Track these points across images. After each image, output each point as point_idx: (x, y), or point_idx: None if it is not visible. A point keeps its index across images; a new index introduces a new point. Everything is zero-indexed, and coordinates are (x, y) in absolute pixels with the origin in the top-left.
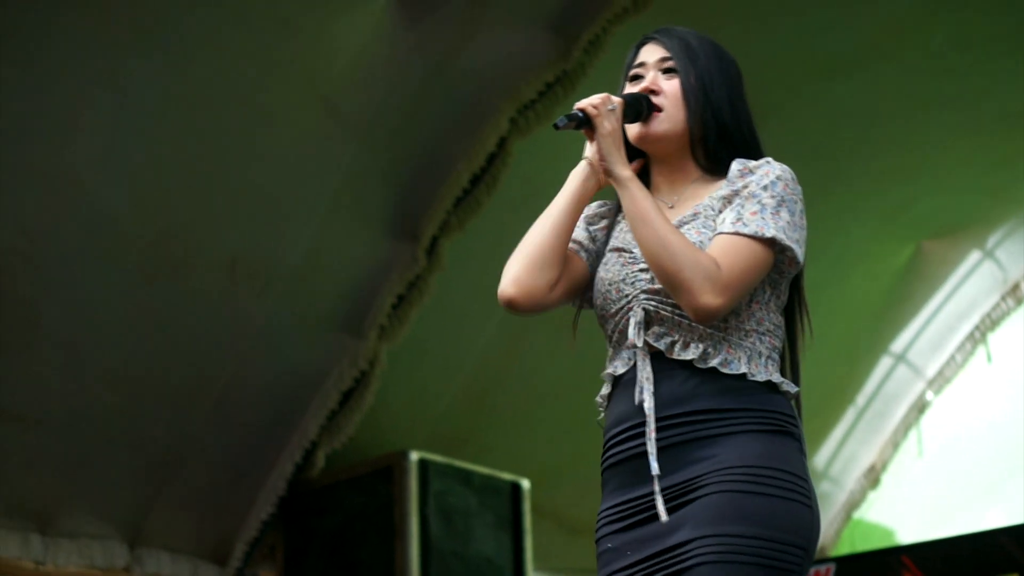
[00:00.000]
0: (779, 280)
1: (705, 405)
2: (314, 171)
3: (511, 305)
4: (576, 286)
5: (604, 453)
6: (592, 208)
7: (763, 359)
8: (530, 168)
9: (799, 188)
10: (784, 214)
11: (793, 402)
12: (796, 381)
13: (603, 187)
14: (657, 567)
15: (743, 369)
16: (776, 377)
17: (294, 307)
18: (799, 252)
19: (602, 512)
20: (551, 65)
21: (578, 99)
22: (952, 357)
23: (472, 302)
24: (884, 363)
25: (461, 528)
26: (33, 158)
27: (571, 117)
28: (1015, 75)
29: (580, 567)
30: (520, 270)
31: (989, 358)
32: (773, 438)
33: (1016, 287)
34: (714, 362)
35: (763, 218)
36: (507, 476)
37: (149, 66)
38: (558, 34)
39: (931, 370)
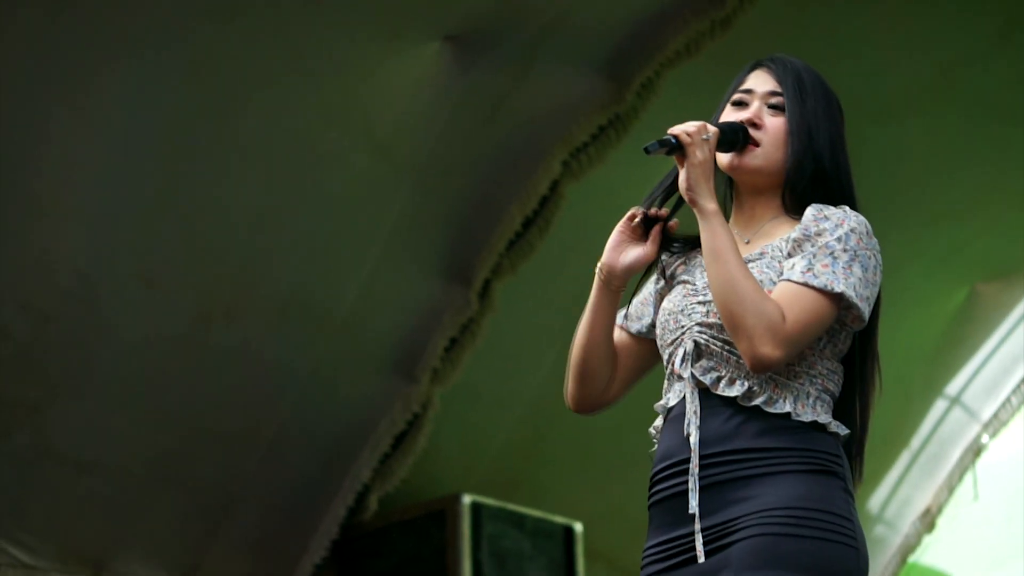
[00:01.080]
0: (838, 331)
1: (745, 444)
2: (367, 215)
3: (580, 413)
4: (637, 365)
5: (650, 489)
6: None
7: (811, 400)
8: (583, 211)
9: (874, 241)
10: (856, 269)
11: (843, 444)
12: (863, 427)
13: (622, 291)
14: None
15: (787, 409)
16: (823, 418)
17: (347, 351)
18: (866, 311)
19: (646, 550)
20: (604, 108)
21: (632, 143)
22: (1008, 400)
23: (524, 345)
24: (939, 406)
25: (514, 572)
26: (87, 202)
27: (663, 143)
28: None
29: None
30: (571, 386)
31: None
32: (815, 478)
33: None
34: (758, 401)
35: (834, 271)
36: (560, 519)
37: (202, 108)
38: (611, 77)
39: (986, 413)
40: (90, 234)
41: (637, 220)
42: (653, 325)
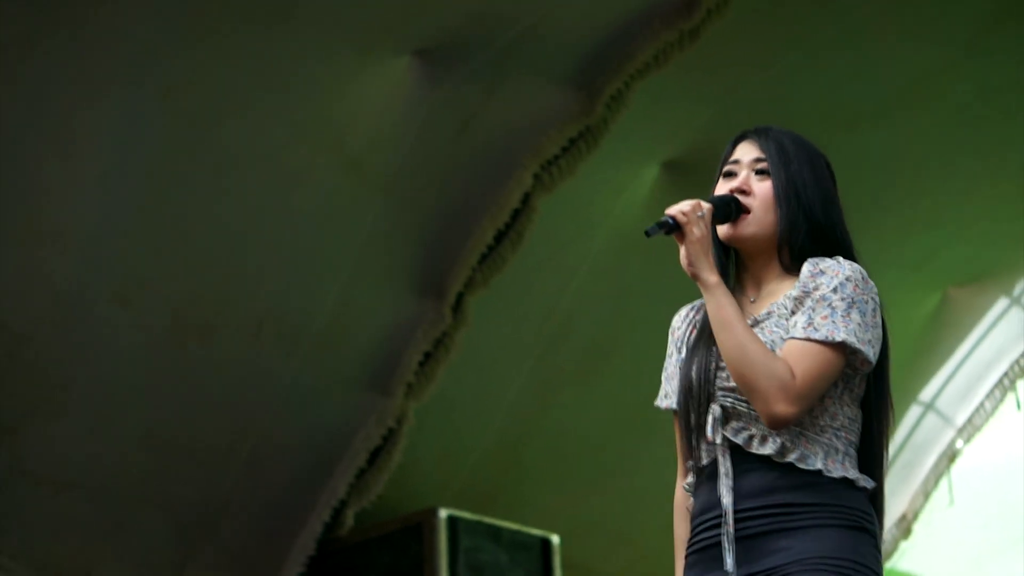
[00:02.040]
0: (852, 375)
1: (783, 499)
2: (340, 230)
3: None
4: None
5: (691, 538)
6: (681, 317)
7: (839, 455)
8: (555, 224)
9: (870, 285)
10: (855, 315)
11: (868, 496)
12: (881, 472)
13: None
14: None
15: (819, 465)
16: (852, 474)
17: (321, 366)
18: (870, 353)
19: None
20: (574, 120)
21: (602, 154)
22: (981, 405)
23: (498, 358)
24: (913, 412)
25: None
26: (61, 222)
27: (661, 224)
28: None
29: None
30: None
31: (1019, 405)
32: (849, 533)
33: None
34: (791, 457)
35: (833, 322)
36: (537, 532)
37: (175, 129)
38: (580, 89)
39: (960, 418)
40: (65, 254)
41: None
42: None
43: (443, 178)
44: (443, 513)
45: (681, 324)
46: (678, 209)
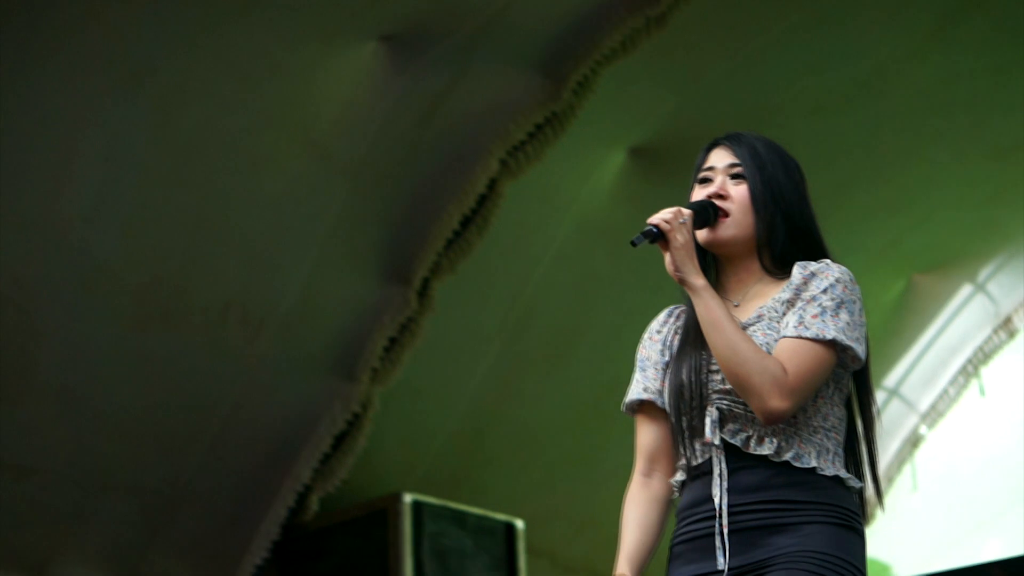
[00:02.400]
0: (842, 374)
1: (778, 496)
2: (305, 215)
3: None
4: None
5: (678, 529)
6: (660, 321)
7: (830, 455)
8: (521, 209)
9: (857, 287)
10: (843, 315)
11: (857, 496)
12: (874, 471)
13: None
14: None
15: (813, 463)
16: (843, 473)
17: (286, 351)
18: (860, 350)
19: None
20: (540, 106)
21: (569, 140)
22: (945, 391)
23: (464, 343)
24: (877, 398)
25: (456, 570)
26: (23, 208)
27: (646, 233)
28: (1004, 110)
29: None
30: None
31: (982, 391)
32: (840, 531)
33: (1008, 320)
34: (787, 456)
35: (824, 321)
36: (501, 517)
37: (138, 114)
38: (547, 75)
39: (924, 404)
40: (26, 240)
41: None
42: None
43: (409, 163)
44: (407, 498)
45: (662, 328)
46: (660, 217)
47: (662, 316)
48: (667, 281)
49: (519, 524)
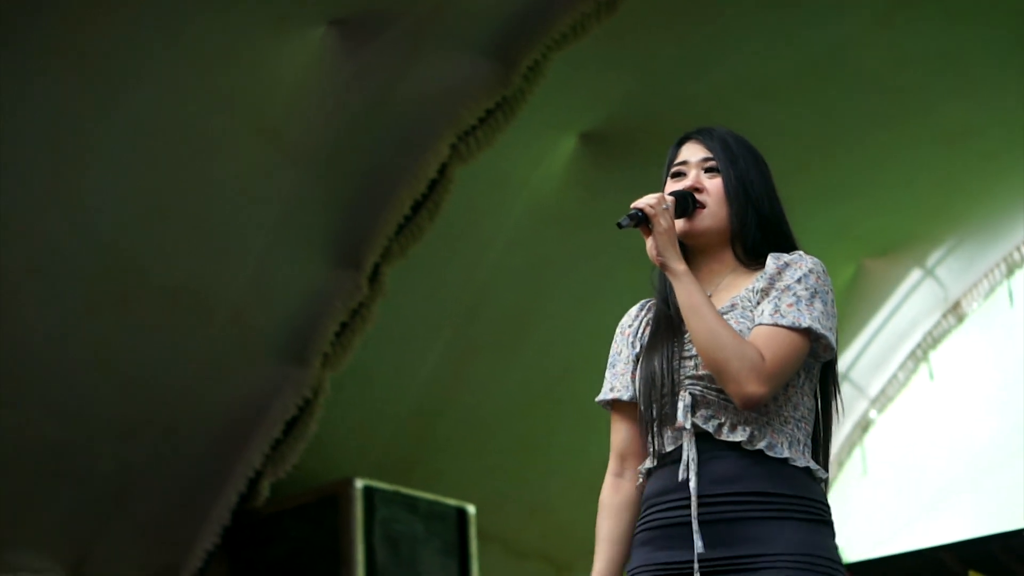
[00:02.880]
0: (813, 364)
1: (754, 487)
2: (256, 200)
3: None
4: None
5: (644, 516)
6: (632, 316)
7: (800, 446)
8: (472, 194)
9: (829, 279)
10: (817, 304)
11: (824, 484)
12: (827, 459)
13: None
14: None
15: (786, 454)
16: (812, 464)
17: (237, 336)
18: (832, 339)
19: (637, 568)
20: (491, 91)
21: (519, 125)
22: (895, 375)
23: (415, 329)
24: None
25: (407, 555)
26: None
27: (631, 217)
28: (953, 94)
29: None
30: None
31: (931, 376)
32: (815, 527)
33: (957, 305)
34: (760, 445)
35: (799, 309)
36: (452, 502)
37: (89, 97)
38: (498, 60)
39: (874, 389)
40: None
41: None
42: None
43: (360, 148)
44: (359, 483)
45: (633, 322)
46: (645, 202)
47: (633, 311)
48: (618, 266)
49: (471, 509)
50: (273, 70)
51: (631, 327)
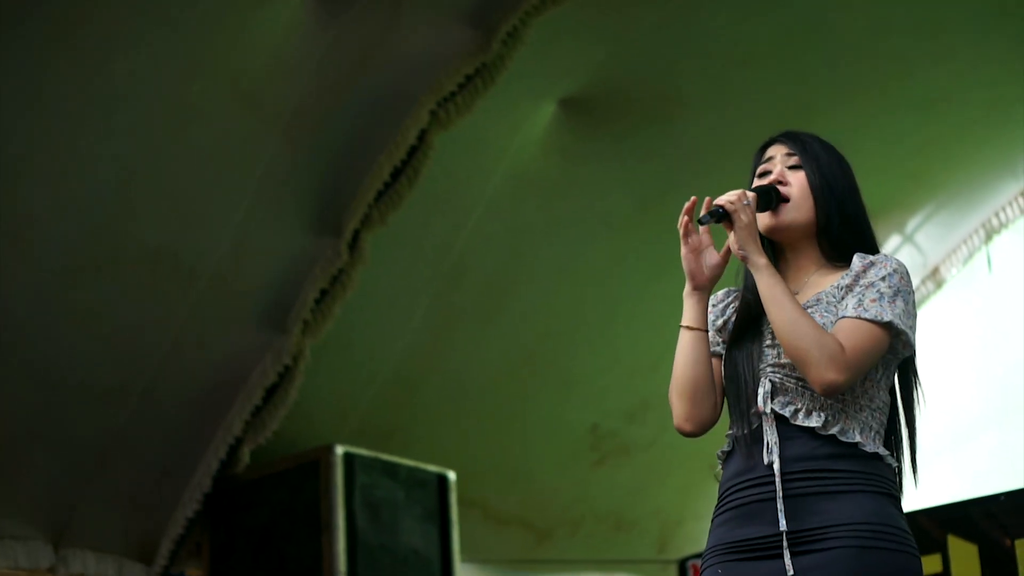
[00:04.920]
0: (891, 360)
1: (823, 465)
2: (235, 166)
3: (691, 436)
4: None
5: (724, 497)
6: (719, 297)
7: (872, 433)
8: (451, 161)
9: (911, 281)
10: (900, 303)
11: (894, 474)
12: (914, 454)
13: (711, 290)
14: None
15: (857, 439)
16: (882, 451)
17: (217, 304)
18: (912, 337)
19: (716, 546)
20: (470, 57)
21: (498, 91)
22: None
23: (395, 295)
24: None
25: (388, 521)
26: None
27: (712, 213)
28: (933, 60)
29: (507, 558)
30: (688, 408)
31: None
32: (883, 499)
33: (935, 271)
34: (833, 430)
35: (881, 305)
36: (433, 468)
37: (67, 64)
38: (477, 26)
39: None
40: None
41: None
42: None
43: (340, 114)
44: (339, 450)
45: (719, 304)
46: (726, 199)
47: (720, 295)
48: (597, 233)
49: (451, 475)
50: (253, 35)
51: (717, 309)
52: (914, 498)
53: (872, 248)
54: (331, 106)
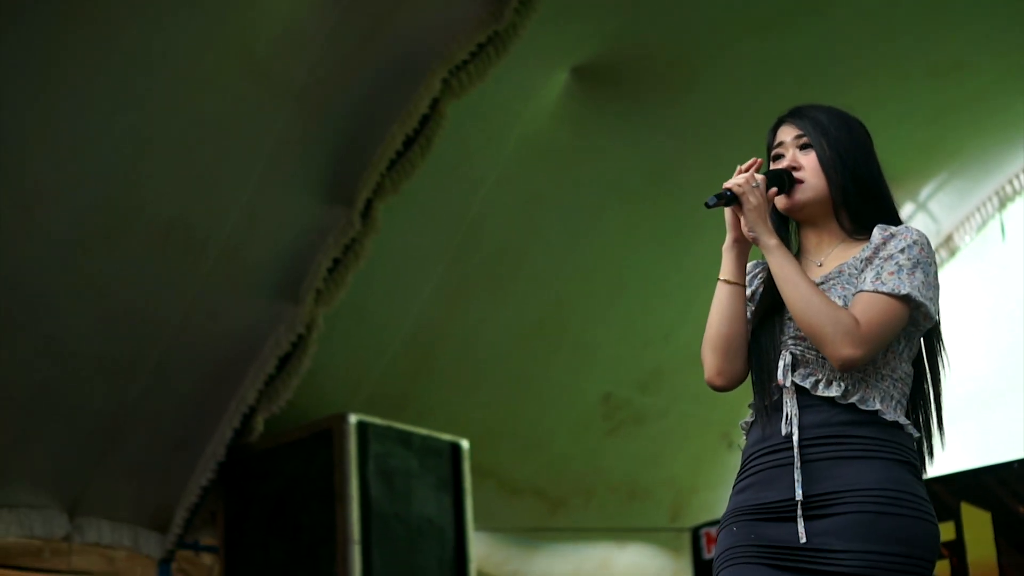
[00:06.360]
0: (914, 332)
1: (840, 431)
2: (248, 137)
3: (721, 391)
4: None
5: (744, 465)
6: (750, 267)
7: (893, 402)
8: (464, 130)
9: (933, 251)
10: (919, 274)
11: (920, 443)
12: (941, 425)
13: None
14: (790, 558)
15: (877, 407)
16: (902, 420)
17: (230, 273)
18: (932, 308)
19: (736, 508)
20: (482, 26)
21: (511, 60)
22: None
23: (408, 264)
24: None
25: (401, 489)
26: None
27: (720, 196)
28: (945, 29)
29: (520, 526)
30: (720, 362)
31: None
32: (900, 466)
33: (949, 239)
34: (853, 399)
35: (899, 278)
36: (446, 437)
37: (78, 36)
38: None
39: None
40: None
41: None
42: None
43: (352, 84)
44: (353, 419)
45: (749, 274)
46: (734, 182)
47: (751, 264)
48: (609, 201)
49: (464, 444)
50: (264, 6)
51: (748, 274)
52: (928, 465)
53: (892, 217)
54: (343, 76)
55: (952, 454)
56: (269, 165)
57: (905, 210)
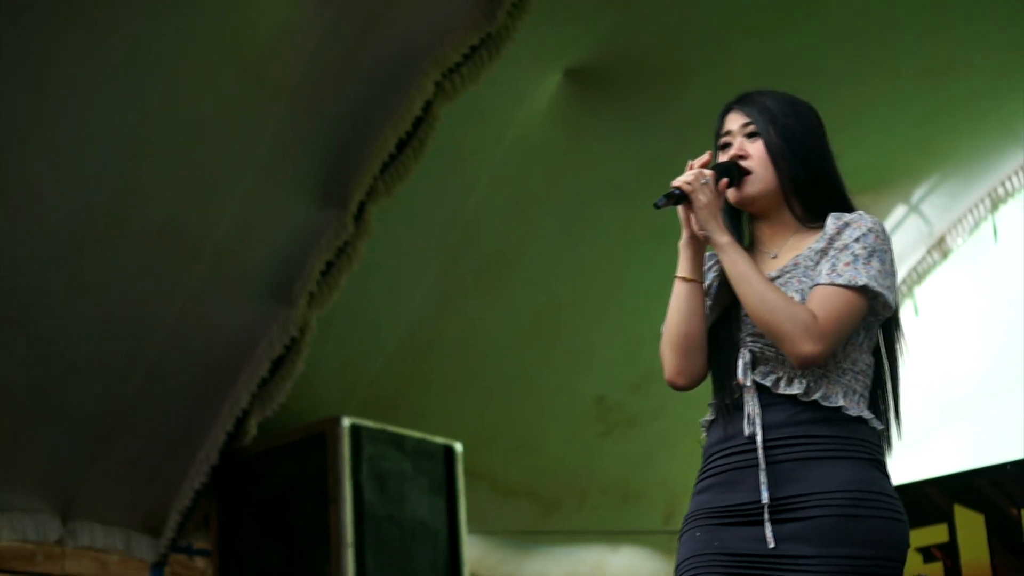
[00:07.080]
0: (873, 323)
1: (805, 431)
2: (239, 138)
3: (682, 390)
4: None
5: (706, 464)
6: (706, 260)
7: (856, 396)
8: (457, 132)
9: (889, 238)
10: (875, 263)
11: (882, 435)
12: (898, 413)
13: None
14: (755, 566)
15: (840, 403)
16: (866, 414)
17: (222, 276)
18: (890, 297)
19: (697, 511)
20: (475, 27)
21: (504, 63)
22: None
23: (401, 267)
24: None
25: (395, 492)
26: None
27: (669, 196)
28: (937, 30)
29: (514, 529)
30: (680, 361)
31: (916, 311)
32: (865, 464)
33: (942, 240)
34: (816, 396)
35: (856, 268)
36: (440, 440)
37: (72, 36)
38: None
39: None
40: None
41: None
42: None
43: (345, 86)
44: (346, 422)
45: (706, 267)
46: (682, 180)
47: (707, 255)
48: (603, 203)
49: (458, 447)
50: (257, 5)
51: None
52: (920, 468)
53: (844, 204)
54: (336, 77)
55: (946, 456)
56: (262, 167)
57: (897, 212)
